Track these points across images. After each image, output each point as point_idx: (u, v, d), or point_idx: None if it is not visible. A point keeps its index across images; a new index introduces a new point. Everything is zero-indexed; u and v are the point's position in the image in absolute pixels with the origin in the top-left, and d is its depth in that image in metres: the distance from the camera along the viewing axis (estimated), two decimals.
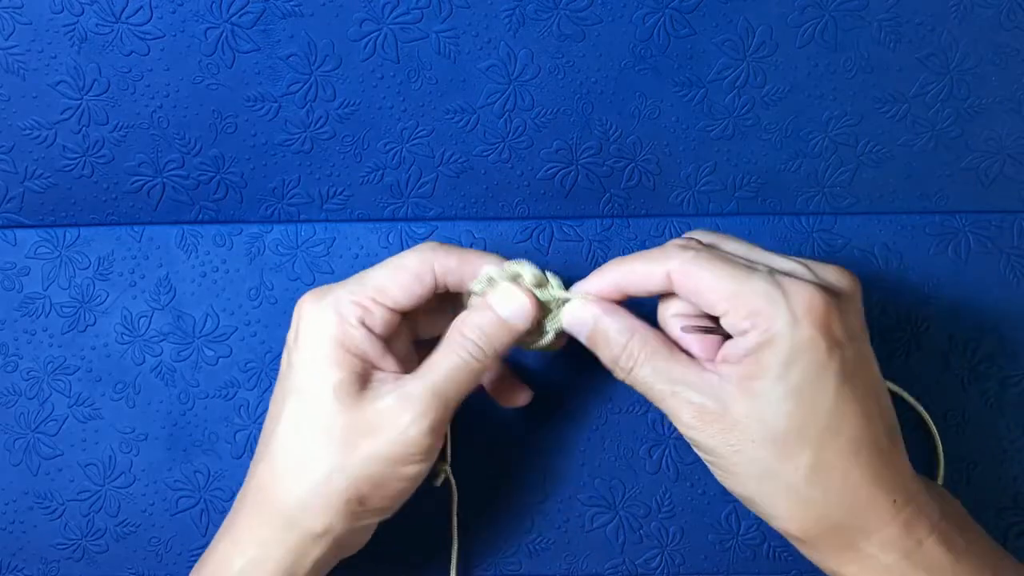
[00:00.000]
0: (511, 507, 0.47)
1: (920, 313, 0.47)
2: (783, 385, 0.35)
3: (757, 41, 0.46)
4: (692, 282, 0.37)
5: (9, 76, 0.46)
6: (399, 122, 0.47)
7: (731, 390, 0.36)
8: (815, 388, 0.35)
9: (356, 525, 0.39)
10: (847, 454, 0.36)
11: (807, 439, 0.35)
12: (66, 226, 0.48)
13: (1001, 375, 0.47)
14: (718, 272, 0.36)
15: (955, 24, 0.46)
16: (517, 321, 0.39)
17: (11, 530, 0.47)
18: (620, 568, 0.47)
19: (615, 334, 0.39)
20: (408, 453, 0.38)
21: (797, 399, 0.35)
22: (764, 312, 0.35)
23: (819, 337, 0.35)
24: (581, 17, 0.45)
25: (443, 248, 0.40)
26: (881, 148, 0.47)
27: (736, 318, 0.36)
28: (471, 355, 0.39)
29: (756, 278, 0.36)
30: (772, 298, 0.35)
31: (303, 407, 0.38)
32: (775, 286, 0.36)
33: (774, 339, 0.35)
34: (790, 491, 0.36)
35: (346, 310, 0.39)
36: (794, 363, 0.35)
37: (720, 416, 0.36)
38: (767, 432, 0.36)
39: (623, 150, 0.47)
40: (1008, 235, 0.48)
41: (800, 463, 0.36)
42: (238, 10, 0.45)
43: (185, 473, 0.47)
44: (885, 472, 0.36)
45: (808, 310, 0.35)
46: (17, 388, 0.47)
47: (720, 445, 0.36)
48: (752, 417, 0.36)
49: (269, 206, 0.48)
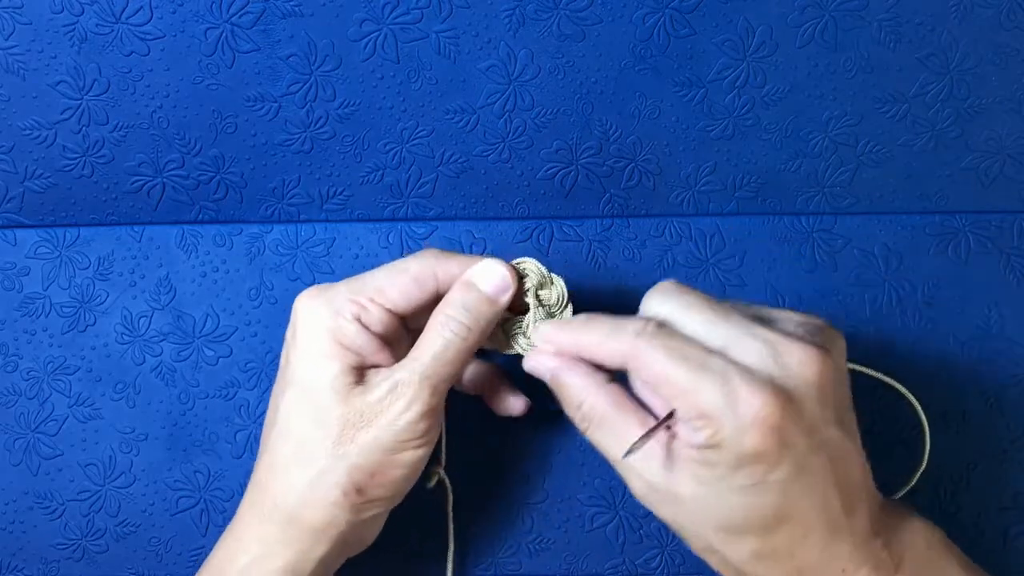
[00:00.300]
0: (511, 507, 0.47)
1: (920, 313, 0.47)
2: (729, 483, 0.35)
3: (757, 41, 0.46)
4: (645, 371, 0.36)
5: (9, 76, 0.46)
6: (399, 122, 0.47)
7: (680, 472, 0.36)
8: (760, 492, 0.35)
9: (358, 518, 0.39)
10: (794, 537, 0.35)
11: (752, 528, 0.35)
12: (66, 226, 0.48)
13: (1001, 375, 0.47)
14: (671, 366, 0.35)
15: (955, 24, 0.46)
16: (498, 294, 0.40)
17: (11, 530, 0.47)
18: (620, 568, 0.47)
19: (572, 393, 0.38)
20: (402, 440, 0.38)
21: (742, 498, 0.35)
22: (713, 417, 0.34)
23: (768, 447, 0.34)
24: (581, 17, 0.45)
25: (445, 255, 0.40)
26: (881, 148, 0.47)
27: (687, 415, 0.35)
28: (455, 333, 0.39)
29: (708, 380, 0.34)
30: (721, 406, 0.34)
31: (299, 402, 0.39)
32: (726, 393, 0.34)
33: (721, 445, 0.34)
34: (737, 564, 0.36)
35: (342, 306, 0.39)
36: (740, 469, 0.34)
37: (668, 495, 0.36)
38: (712, 518, 0.36)
39: (623, 150, 0.47)
40: (1008, 235, 0.48)
41: (744, 547, 0.36)
42: (238, 10, 0.45)
43: (185, 473, 0.47)
44: (834, 548, 0.36)
45: (757, 421, 0.34)
46: (17, 388, 0.47)
47: (668, 517, 0.37)
48: (698, 502, 0.36)
49: (269, 206, 0.48)
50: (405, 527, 0.45)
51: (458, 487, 0.45)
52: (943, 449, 0.47)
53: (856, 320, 0.47)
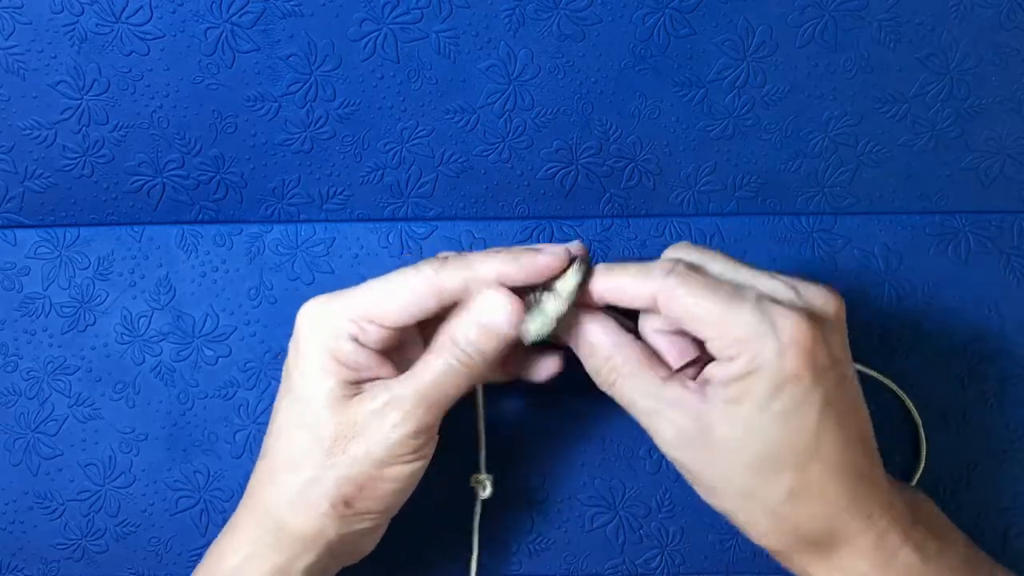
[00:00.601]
0: (511, 507, 0.47)
1: (920, 313, 0.47)
2: (767, 413, 0.35)
3: (757, 41, 0.46)
4: (677, 307, 0.36)
5: (9, 76, 0.46)
6: (399, 122, 0.47)
7: (714, 412, 0.36)
8: (798, 416, 0.36)
9: (348, 529, 0.39)
10: (825, 475, 0.36)
11: (788, 463, 0.36)
12: (66, 226, 0.48)
13: (1001, 375, 0.47)
14: (704, 298, 0.36)
15: (955, 24, 0.46)
16: (502, 327, 0.38)
17: (11, 530, 0.47)
18: (620, 568, 0.47)
19: (600, 345, 0.39)
20: (392, 455, 0.38)
21: (780, 426, 0.35)
22: (751, 342, 0.35)
23: (804, 369, 0.35)
24: (581, 17, 0.45)
25: (445, 269, 0.38)
26: (881, 148, 0.47)
27: (722, 345, 0.36)
28: (459, 361, 0.38)
29: (743, 306, 0.36)
30: (759, 329, 0.35)
31: (296, 411, 0.39)
32: (762, 316, 0.35)
33: (760, 369, 0.35)
34: (769, 510, 0.37)
35: (338, 326, 0.38)
36: (779, 393, 0.35)
37: (701, 437, 0.36)
38: (749, 456, 0.36)
39: (623, 150, 0.47)
40: (1008, 235, 0.48)
41: (780, 486, 0.36)
42: (238, 10, 0.45)
43: (185, 473, 0.47)
44: (861, 489, 0.37)
45: (794, 341, 0.35)
46: (17, 388, 0.47)
47: (701, 465, 0.37)
48: (734, 440, 0.36)
49: (269, 206, 0.48)
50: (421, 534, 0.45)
51: (458, 487, 0.45)
52: (943, 449, 0.47)
53: (856, 320, 0.47)
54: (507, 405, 0.47)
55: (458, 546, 0.47)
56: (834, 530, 0.37)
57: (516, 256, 0.38)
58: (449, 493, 0.46)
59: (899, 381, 0.46)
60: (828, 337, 0.36)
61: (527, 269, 0.38)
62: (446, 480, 0.45)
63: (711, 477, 0.37)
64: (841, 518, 0.37)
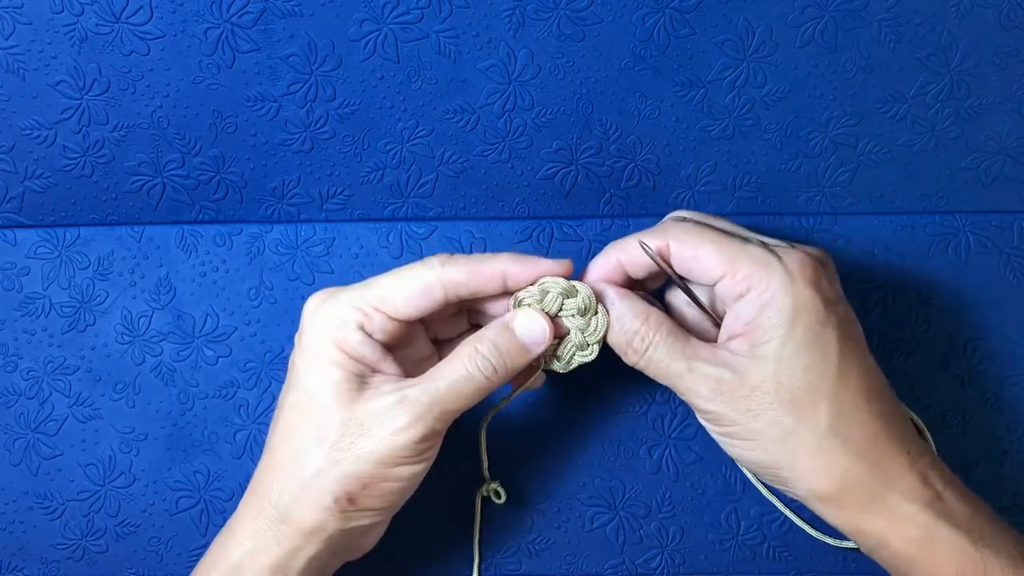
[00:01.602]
0: (511, 507, 0.47)
1: (920, 313, 0.47)
2: (791, 343, 0.37)
3: (757, 41, 0.46)
4: (690, 250, 0.39)
5: (9, 76, 0.46)
6: (399, 122, 0.47)
7: (743, 359, 0.38)
8: (821, 342, 0.37)
9: (349, 525, 0.39)
10: (860, 404, 0.38)
11: (822, 392, 0.37)
12: (66, 226, 0.48)
13: (1001, 375, 0.47)
14: (714, 241, 0.39)
15: (955, 24, 0.46)
16: (533, 345, 0.40)
17: (11, 530, 0.47)
18: (620, 568, 0.47)
19: (630, 317, 0.40)
20: (399, 456, 0.38)
21: (807, 355, 0.37)
22: (760, 273, 0.38)
23: (815, 295, 0.38)
24: (581, 17, 0.45)
25: (452, 263, 0.39)
26: (881, 148, 0.47)
27: (733, 281, 0.38)
28: (480, 370, 0.39)
29: (750, 245, 0.39)
30: (767, 260, 0.38)
31: (302, 405, 0.39)
32: (768, 251, 0.38)
33: (774, 298, 0.37)
34: (811, 448, 0.37)
35: (345, 314, 0.39)
36: (797, 320, 0.37)
37: (737, 385, 0.38)
38: (784, 392, 0.37)
39: (623, 150, 0.47)
40: (1008, 235, 0.47)
41: (819, 418, 0.37)
42: (238, 10, 0.45)
43: (185, 473, 0.47)
44: (895, 423, 0.38)
45: (800, 270, 0.38)
46: (17, 388, 0.47)
47: (739, 414, 0.38)
48: (768, 380, 0.37)
49: (269, 206, 0.48)
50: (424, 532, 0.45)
51: (458, 487, 0.45)
52: (943, 449, 0.47)
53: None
54: (507, 406, 0.47)
55: (460, 546, 0.47)
56: (877, 466, 0.37)
57: (520, 259, 0.40)
58: (451, 493, 0.46)
59: (899, 381, 0.46)
60: (828, 275, 0.39)
61: (531, 269, 0.40)
62: (448, 481, 0.45)
63: (749, 425, 0.38)
64: (882, 452, 0.37)
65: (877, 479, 0.37)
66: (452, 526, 0.46)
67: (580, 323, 0.40)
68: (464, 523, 0.46)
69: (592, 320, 0.40)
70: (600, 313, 0.40)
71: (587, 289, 0.40)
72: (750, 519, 0.47)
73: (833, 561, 0.47)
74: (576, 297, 0.40)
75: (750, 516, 0.47)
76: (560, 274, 0.40)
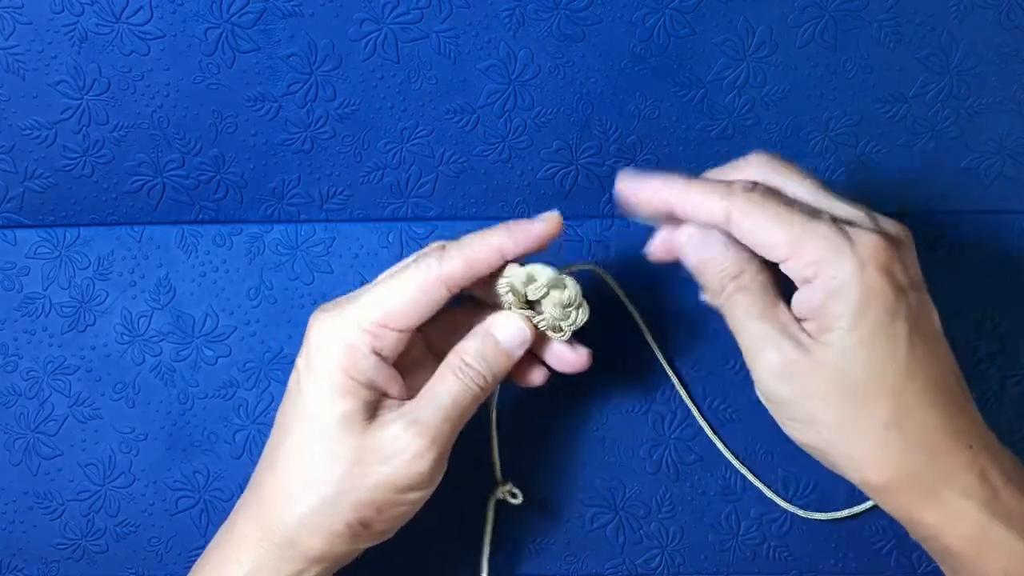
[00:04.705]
0: (511, 507, 0.47)
1: None
2: (857, 334, 0.35)
3: (757, 41, 0.46)
4: (751, 223, 0.36)
5: (9, 76, 0.46)
6: (399, 122, 0.47)
7: (809, 341, 0.36)
8: (888, 335, 0.35)
9: (356, 547, 0.39)
10: (923, 400, 0.36)
11: (884, 386, 0.36)
12: (66, 226, 0.48)
13: (1001, 375, 0.47)
14: (780, 216, 0.36)
15: (955, 24, 0.46)
16: (515, 348, 0.40)
17: (11, 530, 0.47)
18: (620, 568, 0.47)
19: (735, 255, 0.38)
20: (414, 482, 0.38)
21: (872, 347, 0.35)
22: (829, 260, 0.35)
23: (886, 284, 0.35)
24: (581, 17, 0.45)
25: (447, 258, 0.38)
26: (881, 148, 0.47)
27: (799, 264, 0.36)
28: (473, 382, 0.39)
29: (819, 225, 0.36)
30: (836, 245, 0.35)
31: (311, 431, 0.38)
32: (839, 233, 0.35)
33: (842, 288, 0.35)
34: (869, 439, 0.36)
35: (357, 339, 0.38)
36: (865, 311, 0.35)
37: (802, 367, 0.36)
38: (846, 382, 0.36)
39: (623, 150, 0.47)
40: (1008, 235, 0.47)
41: (879, 411, 0.36)
42: (238, 10, 0.45)
43: (185, 473, 0.47)
44: (959, 418, 0.36)
45: (873, 256, 0.35)
46: (17, 388, 0.47)
47: (800, 396, 0.36)
48: (830, 368, 0.36)
49: (269, 206, 0.48)
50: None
51: (458, 488, 0.45)
52: None
53: None
54: (507, 406, 0.47)
55: (463, 546, 0.47)
56: (935, 462, 0.36)
57: (510, 229, 0.39)
58: (454, 494, 0.46)
59: None
60: (904, 257, 0.36)
61: (524, 241, 0.39)
62: (451, 482, 0.45)
63: (809, 409, 0.36)
64: (942, 448, 0.36)
65: (933, 475, 0.36)
66: (454, 529, 0.46)
67: (561, 313, 0.40)
68: (466, 525, 0.46)
69: (573, 313, 0.40)
70: (583, 308, 0.40)
71: (575, 286, 0.40)
72: (750, 519, 0.47)
73: (833, 561, 0.47)
74: (563, 290, 0.40)
75: (750, 516, 0.47)
76: (553, 233, 0.39)
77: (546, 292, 0.40)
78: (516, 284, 0.40)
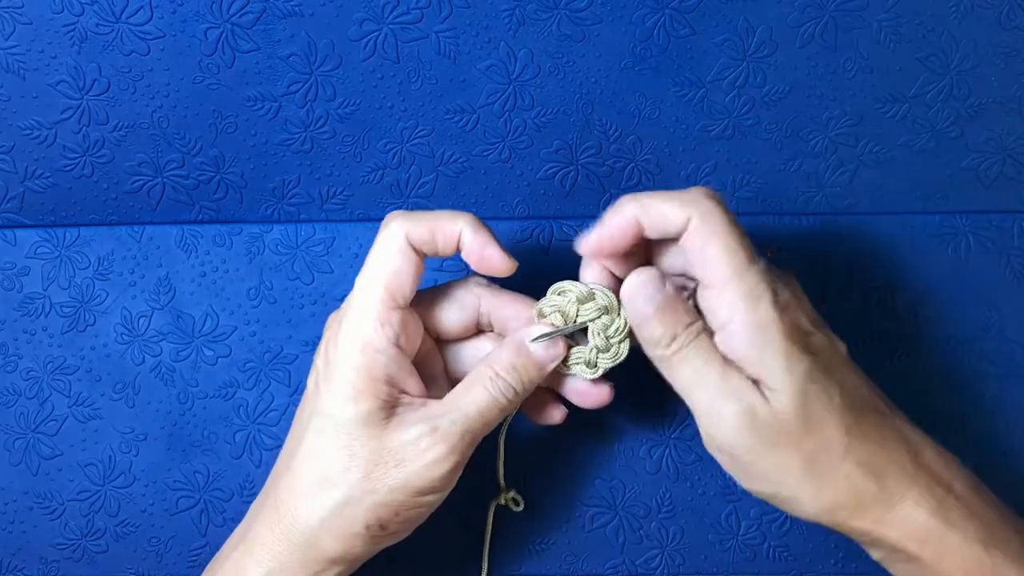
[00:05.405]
0: (512, 508, 0.47)
1: (920, 313, 0.47)
2: (792, 379, 0.36)
3: (757, 41, 0.46)
4: (704, 238, 0.36)
5: (9, 76, 0.46)
6: (399, 122, 0.47)
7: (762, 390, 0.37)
8: (815, 375, 0.37)
9: (374, 548, 0.39)
10: (863, 424, 0.37)
11: (831, 423, 0.37)
12: (66, 226, 0.48)
13: (1001, 375, 0.47)
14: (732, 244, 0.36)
15: (955, 24, 0.46)
16: (546, 361, 0.40)
17: (11, 530, 0.47)
18: (620, 568, 0.47)
19: (685, 303, 0.38)
20: (432, 486, 0.38)
21: (806, 391, 0.36)
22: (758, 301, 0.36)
23: (801, 330, 0.37)
24: (581, 17, 0.45)
25: (410, 219, 0.39)
26: (881, 148, 0.47)
27: (719, 300, 0.37)
28: (502, 393, 0.39)
29: (759, 264, 0.37)
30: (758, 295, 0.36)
31: (329, 432, 0.38)
32: (766, 279, 0.37)
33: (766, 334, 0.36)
34: (827, 476, 0.37)
35: (375, 334, 0.38)
36: (791, 356, 0.36)
37: (764, 414, 0.36)
38: (797, 426, 0.36)
39: (623, 150, 0.47)
40: (1008, 235, 0.48)
41: (832, 446, 0.37)
42: (238, 10, 0.45)
43: (185, 473, 0.47)
44: (895, 430, 0.38)
45: (786, 307, 0.37)
46: (17, 388, 0.47)
47: (762, 444, 0.37)
48: (788, 413, 0.36)
49: (269, 206, 0.48)
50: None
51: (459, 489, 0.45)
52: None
53: (856, 320, 0.47)
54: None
55: (463, 546, 0.47)
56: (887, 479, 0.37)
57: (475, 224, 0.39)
58: (455, 495, 0.46)
59: (899, 381, 0.46)
60: (800, 304, 0.38)
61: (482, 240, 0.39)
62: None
63: (771, 458, 0.37)
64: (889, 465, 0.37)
65: (886, 493, 0.37)
66: (454, 528, 0.46)
67: (604, 343, 0.40)
68: (466, 525, 0.46)
69: (616, 347, 0.40)
70: (626, 343, 0.40)
71: (610, 294, 0.39)
72: (750, 519, 0.47)
73: (833, 561, 0.47)
74: (594, 301, 0.39)
75: (750, 516, 0.47)
76: (504, 269, 0.39)
77: (597, 316, 0.40)
78: (571, 299, 0.39)
